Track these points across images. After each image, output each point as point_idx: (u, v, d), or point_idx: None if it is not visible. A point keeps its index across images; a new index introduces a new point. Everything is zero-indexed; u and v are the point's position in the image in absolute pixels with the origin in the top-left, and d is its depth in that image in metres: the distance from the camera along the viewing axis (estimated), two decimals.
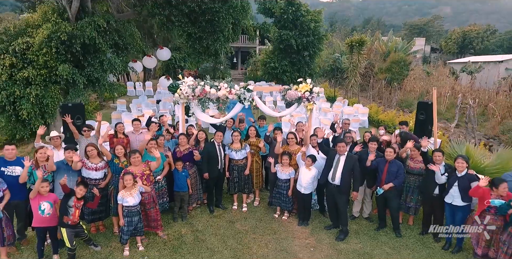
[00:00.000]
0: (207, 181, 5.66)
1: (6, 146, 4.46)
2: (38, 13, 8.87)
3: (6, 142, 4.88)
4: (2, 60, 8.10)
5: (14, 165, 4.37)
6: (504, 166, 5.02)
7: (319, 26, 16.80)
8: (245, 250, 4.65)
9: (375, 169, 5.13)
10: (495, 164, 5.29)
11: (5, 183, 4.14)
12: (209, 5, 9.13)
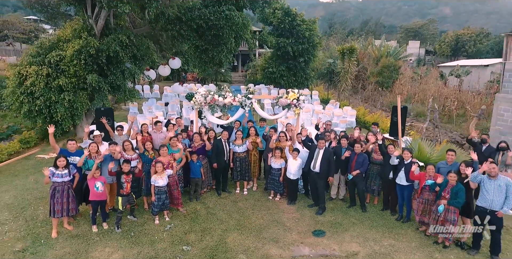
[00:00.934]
0: (216, 170, 7.21)
1: (69, 141, 6.02)
2: (68, 29, 10.41)
3: (69, 138, 6.39)
4: (40, 70, 9.64)
5: (75, 156, 5.92)
6: (442, 157, 6.56)
7: (313, 34, 18.35)
8: (246, 221, 6.20)
9: (347, 160, 6.68)
10: (438, 155, 6.85)
11: (75, 168, 5.68)
12: (214, 22, 10.69)
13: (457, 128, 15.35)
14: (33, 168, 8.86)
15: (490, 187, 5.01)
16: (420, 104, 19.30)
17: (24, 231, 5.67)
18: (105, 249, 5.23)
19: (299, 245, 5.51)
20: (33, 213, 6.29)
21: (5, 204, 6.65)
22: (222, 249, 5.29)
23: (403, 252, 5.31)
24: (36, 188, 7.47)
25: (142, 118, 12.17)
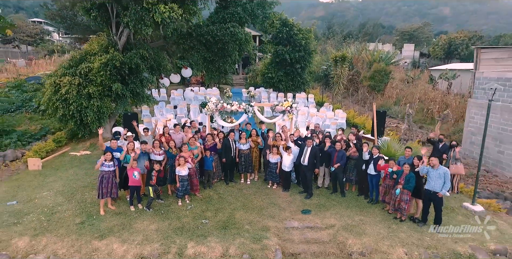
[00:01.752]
0: (224, 164, 8.94)
1: (112, 141, 7.78)
2: (94, 44, 12.14)
3: (112, 138, 8.14)
4: (72, 80, 11.35)
5: (117, 151, 7.66)
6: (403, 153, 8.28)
7: (309, 42, 20.07)
8: (249, 203, 7.94)
9: (329, 156, 8.41)
10: (402, 152, 8.58)
11: (117, 161, 7.42)
12: (220, 37, 12.44)
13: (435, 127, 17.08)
14: (69, 163, 10.60)
15: (433, 175, 6.75)
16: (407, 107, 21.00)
17: (79, 210, 7.41)
18: (143, 222, 6.97)
19: (290, 220, 7.25)
20: (82, 197, 8.03)
21: (58, 190, 8.39)
22: (231, 222, 7.04)
23: (369, 224, 7.05)
24: (78, 179, 9.21)
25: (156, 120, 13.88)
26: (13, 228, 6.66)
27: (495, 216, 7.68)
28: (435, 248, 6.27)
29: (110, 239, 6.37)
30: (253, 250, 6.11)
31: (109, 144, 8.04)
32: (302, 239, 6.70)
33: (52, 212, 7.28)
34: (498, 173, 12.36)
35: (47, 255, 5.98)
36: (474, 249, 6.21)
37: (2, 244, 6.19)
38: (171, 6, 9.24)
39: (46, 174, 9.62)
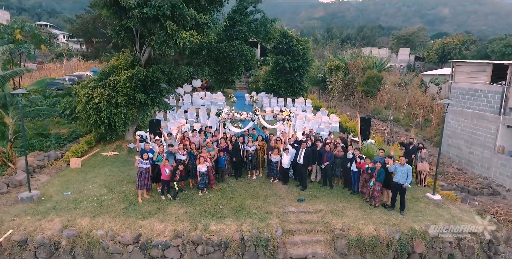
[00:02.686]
0: (234, 162, 10.98)
1: (146, 143, 9.82)
2: (121, 59, 14.17)
3: (147, 142, 10.15)
4: (103, 91, 13.38)
5: (150, 153, 9.70)
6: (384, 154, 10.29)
7: (307, 52, 22.11)
8: (255, 193, 9.98)
9: (320, 155, 10.45)
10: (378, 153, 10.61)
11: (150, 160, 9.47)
12: (228, 53, 14.51)
13: (422, 132, 19.16)
14: (103, 162, 12.63)
15: (399, 171, 8.79)
16: (397, 111, 23.09)
17: (121, 198, 9.45)
18: (174, 207, 9.01)
19: (288, 206, 9.30)
20: (121, 189, 10.07)
21: (100, 184, 10.43)
22: (242, 207, 9.08)
23: (349, 209, 9.10)
24: (113, 174, 11.25)
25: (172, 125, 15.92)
26: (74, 212, 8.72)
27: (451, 204, 9.72)
28: (397, 226, 8.32)
29: (151, 219, 8.42)
30: (260, 227, 8.16)
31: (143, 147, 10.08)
32: (297, 220, 8.76)
33: (101, 200, 9.33)
34: (468, 171, 14.42)
35: (105, 230, 8.02)
36: (426, 226, 8.26)
37: (69, 223, 8.24)
38: (191, 32, 11.26)
39: (86, 171, 11.65)
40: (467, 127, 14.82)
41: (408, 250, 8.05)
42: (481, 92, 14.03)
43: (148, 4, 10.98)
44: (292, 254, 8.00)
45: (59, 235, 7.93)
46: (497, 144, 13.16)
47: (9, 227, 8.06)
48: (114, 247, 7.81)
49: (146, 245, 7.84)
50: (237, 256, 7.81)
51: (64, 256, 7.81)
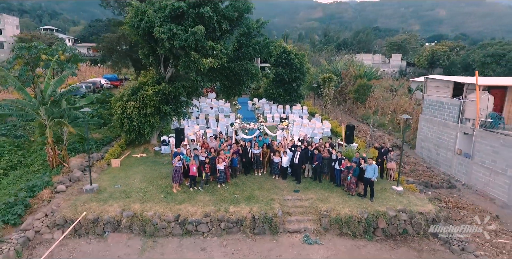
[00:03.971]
0: (244, 162, 14.08)
1: (177, 148, 12.91)
2: (148, 77, 17.25)
3: (181, 145, 13.23)
4: (135, 104, 16.42)
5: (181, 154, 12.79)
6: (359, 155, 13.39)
7: (303, 65, 25.23)
8: (261, 186, 13.08)
9: (312, 156, 13.55)
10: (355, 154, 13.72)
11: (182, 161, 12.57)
12: (237, 71, 17.53)
13: (401, 135, 22.31)
14: (136, 163, 15.68)
15: (369, 169, 11.91)
16: (383, 116, 26.25)
17: (160, 190, 12.53)
18: (201, 196, 12.10)
19: (287, 195, 12.40)
20: (158, 183, 13.14)
21: (140, 179, 13.51)
22: (252, 196, 12.18)
23: (332, 197, 12.21)
24: (148, 172, 14.31)
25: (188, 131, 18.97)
26: (127, 199, 11.80)
27: (411, 194, 12.85)
28: (366, 208, 11.43)
29: (185, 204, 11.51)
30: (266, 209, 11.26)
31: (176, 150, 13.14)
32: (293, 205, 11.87)
33: (145, 191, 12.42)
34: (435, 169, 17.58)
35: (153, 212, 11.11)
36: (388, 209, 11.38)
37: (125, 207, 11.31)
38: (210, 60, 14.34)
39: (125, 170, 14.72)
40: (435, 132, 17.96)
41: (373, 226, 11.17)
42: (445, 104, 17.18)
43: (177, 37, 14.04)
44: (289, 228, 11.10)
45: (120, 215, 11.02)
46: (456, 147, 16.31)
47: (83, 210, 11.13)
48: (161, 224, 10.89)
49: (183, 222, 10.93)
50: (250, 230, 10.91)
51: (124, 230, 10.90)
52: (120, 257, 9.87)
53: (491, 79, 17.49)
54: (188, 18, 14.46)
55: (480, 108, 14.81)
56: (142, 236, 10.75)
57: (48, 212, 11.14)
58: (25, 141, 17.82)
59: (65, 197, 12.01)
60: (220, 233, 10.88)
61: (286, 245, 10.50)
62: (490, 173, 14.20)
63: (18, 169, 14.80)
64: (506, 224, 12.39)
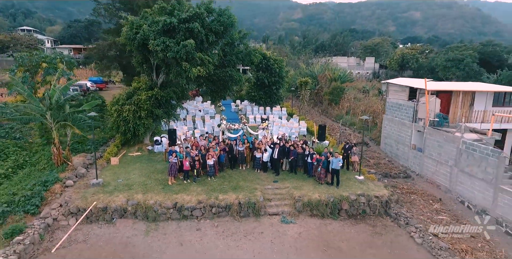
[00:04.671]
0: (230, 158, 16.30)
1: (173, 146, 14.98)
2: (141, 82, 19.12)
3: (177, 144, 15.29)
4: (130, 108, 18.25)
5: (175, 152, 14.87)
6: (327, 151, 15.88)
7: (282, 69, 27.67)
8: (245, 178, 15.35)
9: (288, 152, 15.95)
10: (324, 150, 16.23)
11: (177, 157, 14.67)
12: (222, 77, 19.70)
13: (369, 133, 25.18)
14: (132, 160, 17.57)
15: (335, 161, 14.42)
16: (353, 116, 29.08)
17: (157, 183, 14.57)
18: (194, 187, 14.24)
19: (267, 185, 14.73)
20: (155, 177, 15.16)
21: (139, 174, 15.47)
22: (238, 186, 14.42)
23: (305, 186, 14.64)
24: (145, 168, 16.28)
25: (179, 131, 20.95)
26: (130, 191, 13.77)
27: (370, 182, 15.45)
28: (333, 194, 13.91)
29: (181, 194, 13.61)
30: (249, 196, 13.52)
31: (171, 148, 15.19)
32: (273, 192, 14.21)
33: (145, 184, 14.41)
34: (396, 162, 20.40)
35: (154, 201, 13.15)
36: (350, 194, 13.91)
37: (129, 197, 13.29)
38: (198, 68, 16.43)
39: (123, 167, 16.61)
40: (395, 130, 20.79)
41: (338, 208, 13.67)
42: (402, 106, 20.01)
43: (169, 49, 16.06)
44: (269, 211, 13.43)
45: (125, 204, 13.00)
46: (412, 143, 19.16)
47: (92, 200, 13.03)
48: (161, 210, 12.94)
49: (180, 208, 13.03)
50: (237, 213, 13.15)
51: (130, 216, 12.89)
52: (129, 237, 11.88)
53: (439, 84, 20.41)
54: (179, 32, 16.51)
55: (429, 109, 17.67)
56: (146, 221, 12.78)
57: (62, 203, 12.98)
58: (25, 143, 19.27)
59: (74, 190, 13.85)
60: (211, 217, 13.07)
61: (266, 225, 12.82)
62: (436, 164, 17.06)
63: (24, 168, 16.38)
64: (446, 205, 15.22)
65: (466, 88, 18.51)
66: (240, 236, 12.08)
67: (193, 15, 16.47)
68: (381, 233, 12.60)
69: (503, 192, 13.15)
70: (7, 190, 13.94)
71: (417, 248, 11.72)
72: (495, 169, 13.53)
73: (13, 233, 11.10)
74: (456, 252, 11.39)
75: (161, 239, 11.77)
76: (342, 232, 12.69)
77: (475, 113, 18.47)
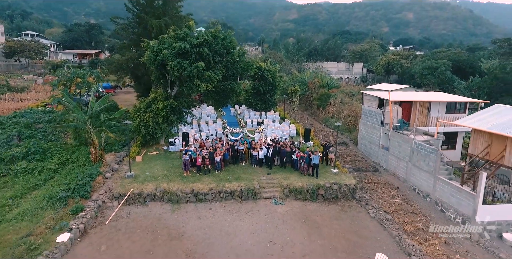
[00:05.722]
0: (232, 156, 20.74)
1: (187, 146, 19.40)
2: (158, 93, 23.44)
3: (189, 145, 19.70)
4: (150, 115, 22.55)
5: (189, 151, 19.26)
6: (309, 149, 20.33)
7: (275, 79, 32.14)
8: (245, 171, 19.80)
9: (279, 151, 20.40)
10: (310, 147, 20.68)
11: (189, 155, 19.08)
12: (224, 89, 24.15)
13: (350, 134, 29.77)
14: (153, 158, 21.90)
15: (315, 158, 18.92)
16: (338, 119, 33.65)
17: (176, 175, 18.97)
18: (205, 178, 18.67)
19: (262, 177, 19.20)
20: (174, 171, 19.55)
21: (160, 168, 19.84)
22: (240, 177, 18.87)
23: (291, 177, 19.13)
24: (164, 164, 20.64)
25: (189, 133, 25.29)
26: (156, 181, 18.15)
27: (343, 174, 19.96)
28: (312, 182, 18.40)
29: (196, 183, 18.02)
30: (248, 185, 17.97)
31: (186, 148, 19.58)
32: (266, 182, 18.69)
33: (167, 176, 18.80)
34: (368, 159, 25.00)
35: (176, 188, 17.55)
36: (326, 182, 18.42)
37: (157, 185, 17.68)
38: (207, 84, 20.81)
39: (147, 163, 20.95)
40: (368, 133, 25.35)
41: (316, 193, 18.14)
42: (373, 113, 24.57)
43: (184, 69, 20.43)
44: (264, 196, 17.87)
45: (154, 190, 17.36)
46: (380, 143, 23.72)
47: (129, 188, 17.38)
48: (182, 195, 17.33)
49: (196, 193, 17.43)
50: (239, 197, 17.56)
51: (158, 200, 17.27)
52: (160, 214, 16.26)
53: (401, 95, 24.89)
54: (191, 55, 20.90)
55: (393, 116, 22.22)
56: (171, 203, 17.16)
57: (106, 190, 17.32)
58: (61, 144, 23.52)
59: (113, 181, 18.20)
60: (220, 200, 17.50)
61: (261, 205, 17.26)
62: (397, 160, 21.64)
63: (67, 164, 20.67)
64: (402, 192, 19.78)
65: (423, 99, 23.10)
66: (242, 213, 16.52)
67: (203, 41, 20.87)
68: (346, 211, 17.13)
69: (439, 180, 17.72)
70: (59, 181, 18.29)
71: (370, 220, 16.26)
72: (434, 163, 18.11)
73: (77, 210, 15.44)
74: (399, 222, 15.93)
75: (184, 215, 16.18)
76: (318, 210, 17.18)
77: (431, 119, 23.07)
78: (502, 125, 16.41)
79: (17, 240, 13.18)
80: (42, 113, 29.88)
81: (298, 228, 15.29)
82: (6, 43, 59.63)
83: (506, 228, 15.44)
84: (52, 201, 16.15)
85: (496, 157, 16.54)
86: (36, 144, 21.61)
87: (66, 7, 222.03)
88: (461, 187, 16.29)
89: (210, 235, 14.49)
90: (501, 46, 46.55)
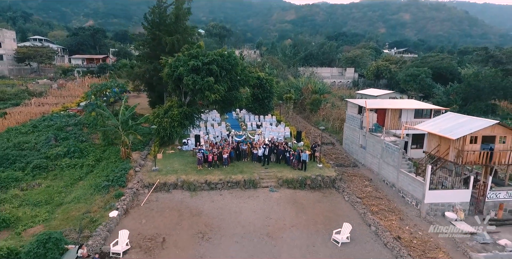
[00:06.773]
0: (237, 154, 25.74)
1: (199, 145, 24.42)
2: (173, 102, 28.38)
3: (201, 145, 24.70)
4: (167, 120, 27.48)
5: (201, 150, 24.26)
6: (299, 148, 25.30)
7: (272, 86, 37.18)
8: (247, 166, 24.82)
9: (275, 150, 25.42)
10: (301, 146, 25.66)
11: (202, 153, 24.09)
12: (230, 99, 29.15)
13: (337, 136, 34.89)
14: (171, 156, 26.85)
15: (303, 155, 23.96)
16: (327, 122, 38.75)
17: (192, 169, 23.97)
18: (216, 171, 23.68)
19: (261, 170, 24.23)
20: (190, 165, 24.54)
21: (179, 164, 24.82)
22: (243, 171, 23.89)
23: (285, 171, 24.16)
24: (181, 160, 25.62)
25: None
26: (177, 174, 23.14)
27: (326, 169, 25.00)
28: (301, 175, 23.42)
29: (208, 175, 23.03)
30: (250, 177, 22.99)
31: (199, 147, 24.57)
32: (265, 174, 23.72)
33: (184, 169, 23.80)
34: (350, 156, 30.10)
35: (193, 179, 22.54)
36: (312, 174, 23.45)
37: (178, 177, 22.67)
38: (216, 95, 25.78)
39: (166, 160, 25.90)
40: (351, 134, 30.39)
41: (304, 183, 23.16)
42: (354, 117, 29.62)
43: (196, 83, 25.40)
44: (263, 185, 22.87)
45: (176, 181, 22.35)
46: (359, 143, 28.78)
47: (156, 179, 22.35)
48: (198, 184, 22.31)
49: (209, 183, 22.43)
50: (243, 186, 22.56)
51: (179, 188, 22.25)
52: (181, 199, 21.23)
53: (377, 103, 29.95)
54: (202, 71, 25.88)
55: (369, 121, 27.28)
56: (189, 191, 22.14)
57: (138, 180, 22.28)
58: (92, 144, 28.43)
59: (142, 174, 23.17)
60: (228, 188, 22.51)
61: (260, 192, 22.27)
62: (372, 157, 26.72)
63: (101, 161, 25.59)
64: (374, 182, 24.84)
65: (395, 106, 28.19)
66: (245, 198, 21.52)
67: (212, 60, 25.87)
68: (327, 196, 22.19)
69: (401, 173, 22.78)
70: (99, 174, 23.25)
71: (344, 203, 21.33)
72: (398, 159, 23.18)
73: (119, 195, 20.38)
74: (367, 205, 20.98)
75: (200, 199, 21.17)
76: (305, 196, 22.21)
77: (402, 123, 28.16)
78: (448, 129, 21.49)
79: (80, 215, 18.14)
80: (67, 117, 34.80)
81: (288, 208, 20.33)
82: (20, 49, 64.26)
83: (448, 209, 20.51)
84: (98, 188, 21.10)
85: (443, 154, 21.61)
86: (74, 144, 26.54)
87: (65, 7, 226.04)
88: (415, 178, 21.36)
89: (221, 213, 19.51)
90: (479, 54, 51.70)
